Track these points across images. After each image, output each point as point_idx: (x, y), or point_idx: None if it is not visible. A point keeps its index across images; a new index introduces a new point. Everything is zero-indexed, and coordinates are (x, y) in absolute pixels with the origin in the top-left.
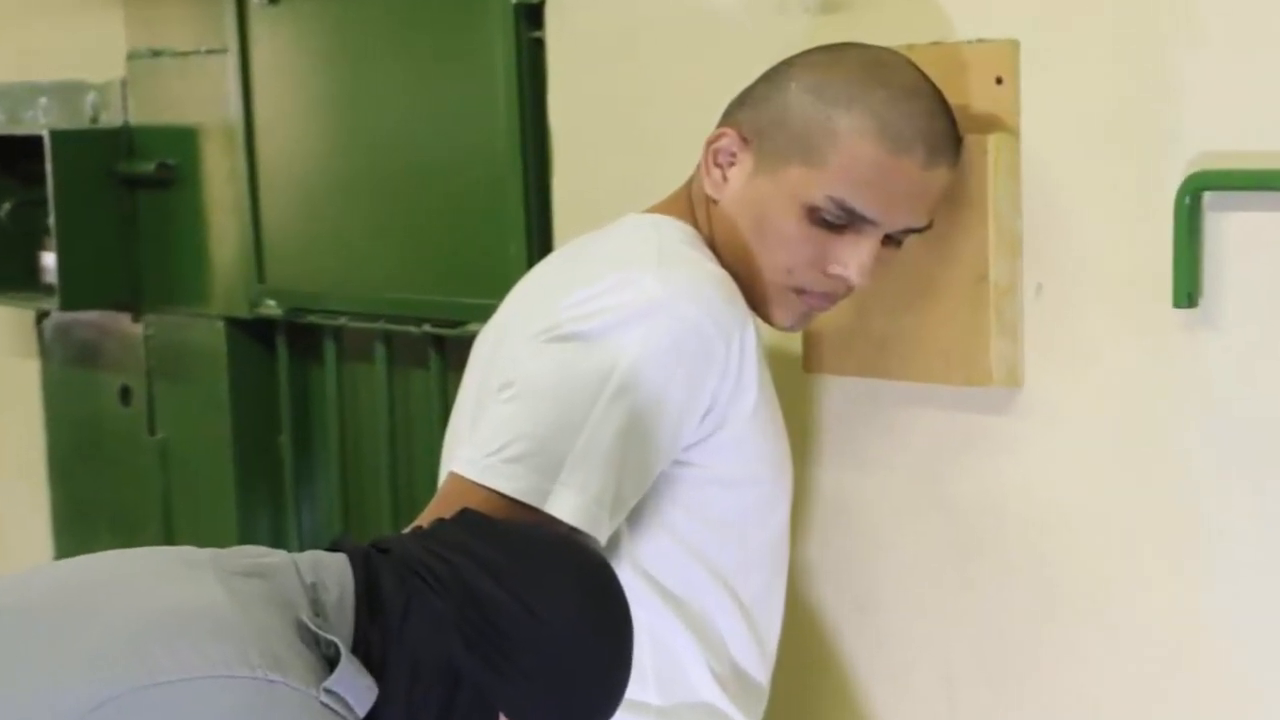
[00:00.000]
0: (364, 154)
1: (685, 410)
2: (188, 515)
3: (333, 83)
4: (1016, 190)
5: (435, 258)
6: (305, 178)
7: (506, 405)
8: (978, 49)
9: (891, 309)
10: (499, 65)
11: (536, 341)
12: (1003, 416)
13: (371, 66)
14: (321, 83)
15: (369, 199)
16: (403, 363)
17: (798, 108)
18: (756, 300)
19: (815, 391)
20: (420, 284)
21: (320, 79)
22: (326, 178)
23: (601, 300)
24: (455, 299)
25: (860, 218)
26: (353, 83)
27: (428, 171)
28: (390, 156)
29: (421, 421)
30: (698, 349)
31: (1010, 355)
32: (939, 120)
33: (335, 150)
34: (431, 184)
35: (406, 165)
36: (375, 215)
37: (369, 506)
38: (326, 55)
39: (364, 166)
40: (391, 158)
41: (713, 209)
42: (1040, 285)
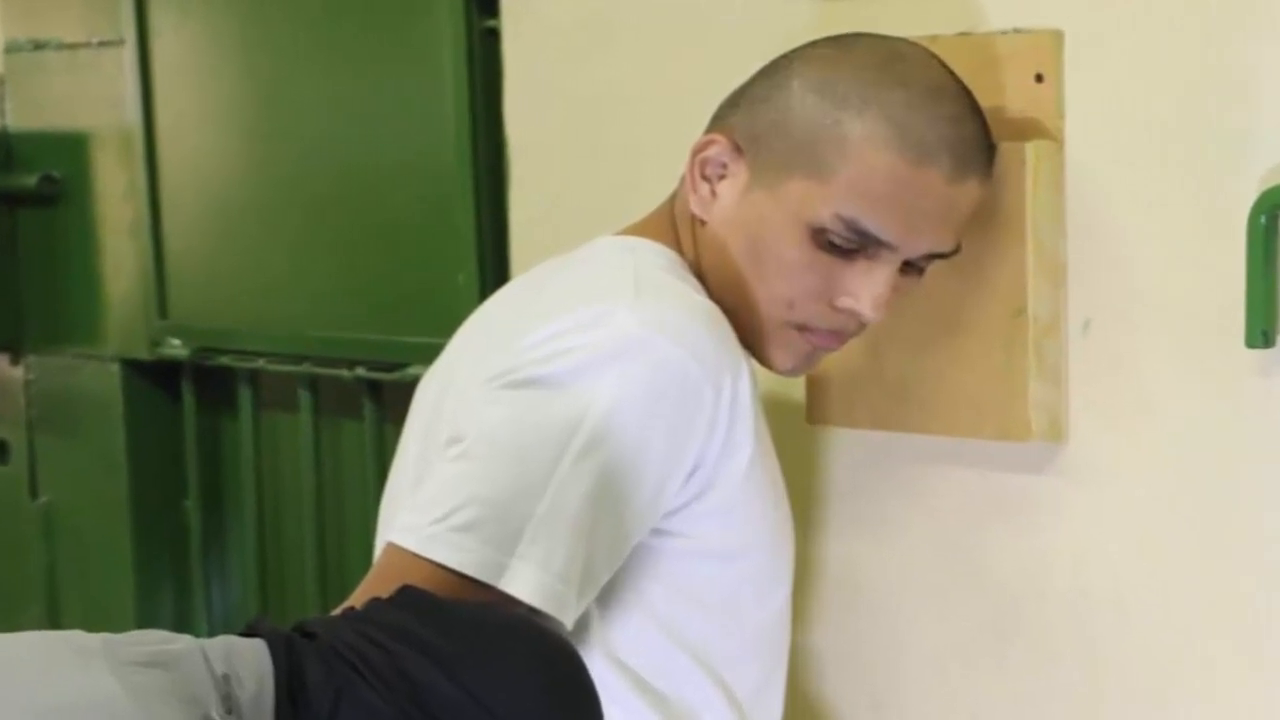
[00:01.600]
0: (287, 166)
1: (667, 469)
2: (76, 593)
3: (250, 81)
4: (1060, 207)
5: (370, 288)
6: (217, 193)
7: (455, 463)
8: (1014, 41)
9: (911, 349)
10: (445, 61)
11: (490, 388)
12: (1044, 476)
13: (296, 62)
14: (236, 81)
15: (293, 219)
16: (331, 413)
17: (800, 110)
18: (752, 339)
19: (821, 447)
20: (353, 319)
21: (235, 76)
22: (242, 193)
23: (568, 339)
24: (394, 337)
25: (874, 241)
26: (274, 81)
27: (362, 186)
28: (318, 169)
29: (354, 482)
30: (682, 397)
31: (1052, 404)
32: (967, 125)
33: (253, 161)
34: (366, 201)
35: (337, 179)
36: (300, 238)
37: (291, 583)
38: (242, 48)
39: (287, 181)
40: (319, 170)
41: (700, 230)
42: (1088, 321)
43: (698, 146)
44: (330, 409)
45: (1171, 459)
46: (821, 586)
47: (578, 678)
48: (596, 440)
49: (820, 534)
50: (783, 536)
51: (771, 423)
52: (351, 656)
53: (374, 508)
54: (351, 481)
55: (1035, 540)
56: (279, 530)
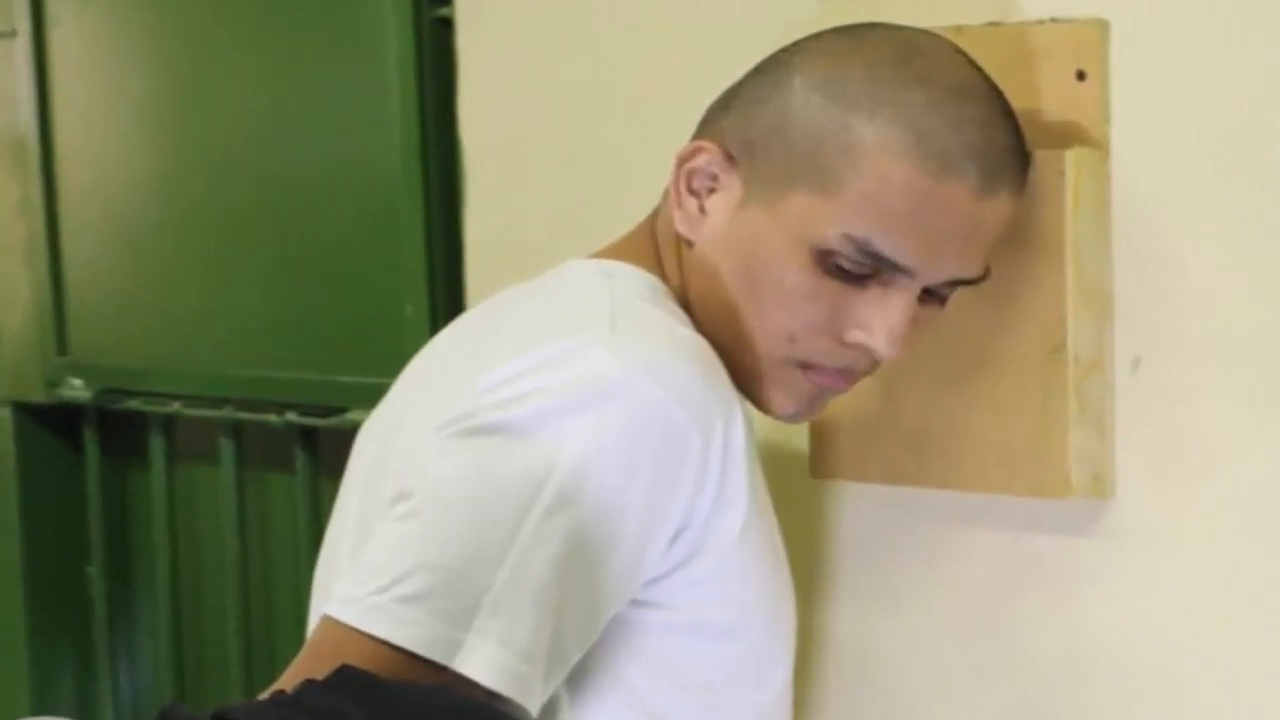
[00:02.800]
0: (207, 178)
1: (648, 531)
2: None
3: (163, 78)
4: (1105, 226)
5: (304, 320)
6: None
7: (401, 524)
8: (1052, 32)
9: (932, 391)
10: (390, 54)
11: (443, 436)
12: (1086, 539)
13: (217, 57)
14: (147, 78)
15: (213, 239)
16: (258, 464)
17: (803, 113)
18: (747, 378)
19: (827, 505)
20: (283, 356)
21: (145, 73)
22: (155, 209)
23: (533, 379)
24: (331, 377)
25: (889, 265)
26: (191, 79)
27: (294, 201)
28: (243, 181)
29: (284, 545)
30: (665, 446)
31: (1096, 455)
32: (997, 130)
33: (167, 172)
34: (299, 218)
35: (265, 192)
36: (222, 261)
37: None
38: (154, 41)
39: (207, 195)
40: (244, 183)
41: (686, 253)
42: (1138, 358)
43: (684, 155)
44: (256, 460)
45: (1235, 519)
46: (827, 666)
47: None
48: (566, 497)
49: (826, 605)
50: (782, 608)
51: (770, 476)
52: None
53: (307, 574)
54: (281, 544)
55: (1076, 613)
56: (197, 600)
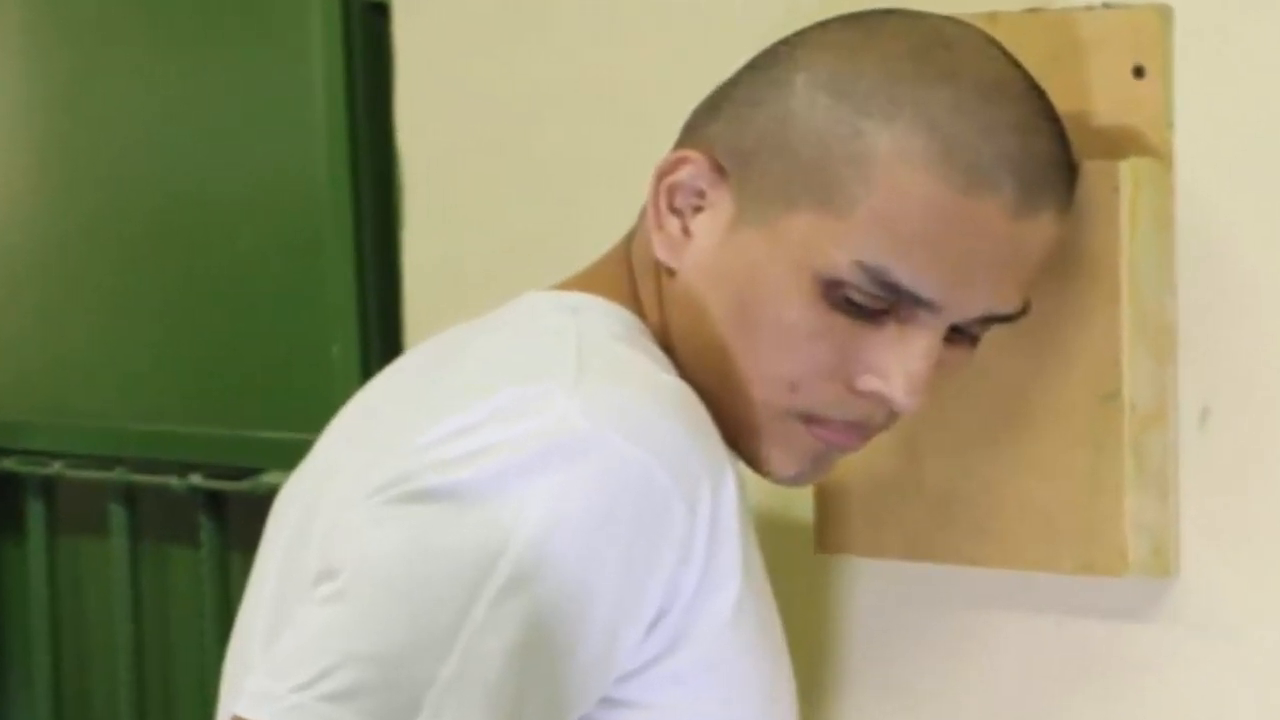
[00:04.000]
0: (96, 194)
1: (621, 616)
2: None
3: (41, 80)
4: (1167, 251)
5: (211, 366)
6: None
7: (327, 607)
8: (1104, 20)
9: (961, 449)
10: (315, 47)
11: (377, 502)
12: (1145, 626)
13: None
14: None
15: (103, 270)
16: (156, 535)
17: (807, 117)
18: (740, 433)
19: (836, 584)
20: (185, 409)
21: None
22: (33, 235)
23: (485, 434)
24: (242, 433)
25: (910, 298)
26: (77, 77)
27: (199, 223)
28: (138, 200)
29: (186, 630)
30: (642, 515)
31: (1157, 525)
32: (1040, 137)
33: (49, 187)
34: (205, 243)
35: (164, 214)
36: (113, 297)
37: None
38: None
39: (94, 217)
40: (139, 202)
41: (667, 283)
42: (1207, 409)
43: (664, 168)
44: (154, 530)
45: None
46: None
47: None
48: (524, 575)
49: (834, 704)
50: (781, 707)
51: (768, 550)
52: None
53: (214, 665)
54: (183, 629)
55: (1133, 714)
56: (84, 693)
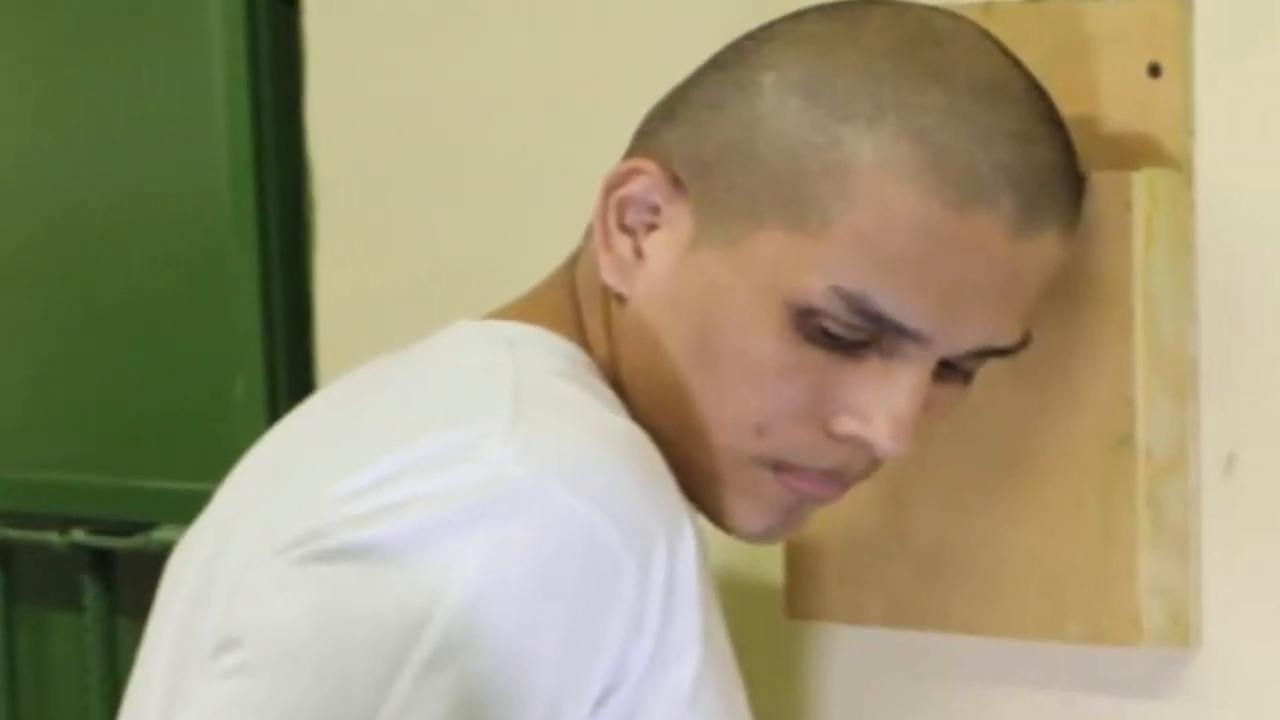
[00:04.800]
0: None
1: (564, 692)
2: None
3: None
4: (1188, 274)
5: (97, 406)
6: None
7: (229, 682)
8: (1116, 12)
9: (953, 501)
10: (216, 44)
11: (286, 562)
12: (1163, 702)
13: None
14: None
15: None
16: (33, 597)
17: (777, 123)
18: (700, 483)
19: (810, 654)
20: (67, 455)
21: None
22: None
23: (408, 485)
24: (132, 482)
25: (894, 328)
26: None
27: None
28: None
29: (67, 704)
30: (588, 576)
31: (1176, 587)
32: (1042, 145)
33: None
34: (91, 267)
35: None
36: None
37: None
38: None
39: None
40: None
41: (617, 311)
42: (1233, 456)
43: (614, 180)
44: (31, 591)
45: None
46: None
47: None
48: (452, 646)
49: None
50: None
51: (733, 616)
52: None
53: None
54: (65, 703)
55: None
56: None
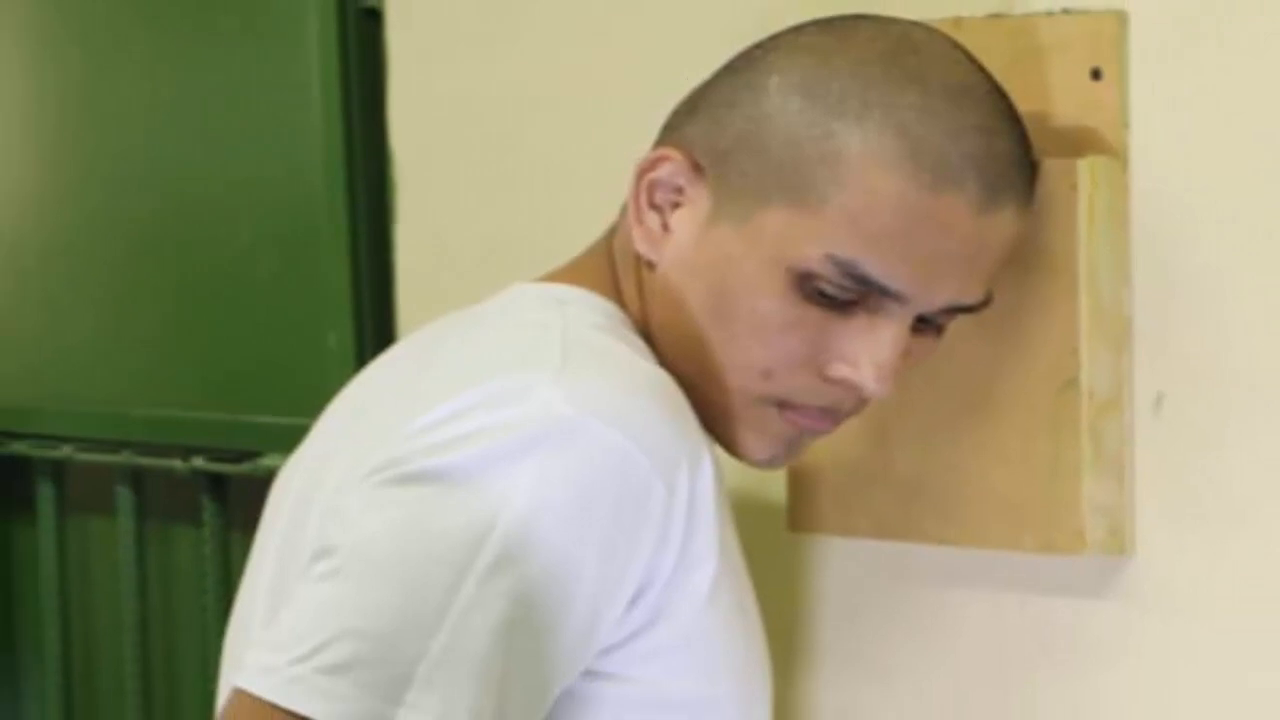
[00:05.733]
0: (100, 192)
1: (603, 594)
2: None
3: (52, 78)
4: (1123, 245)
5: (212, 354)
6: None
7: (324, 584)
8: (1063, 25)
9: (927, 434)
10: (311, 50)
11: (371, 484)
12: (1103, 602)
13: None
14: (34, 77)
15: (110, 262)
16: (160, 515)
17: (781, 118)
18: (717, 419)
19: (808, 563)
20: (188, 394)
21: (31, 72)
22: (41, 229)
23: (473, 420)
24: (242, 418)
25: (878, 289)
26: (83, 78)
27: (201, 217)
28: (142, 194)
29: (190, 606)
30: (623, 497)
31: (1113, 506)
32: (1001, 137)
33: (54, 186)
34: (207, 237)
35: (168, 208)
36: (119, 288)
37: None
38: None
39: (100, 212)
40: (144, 196)
41: (647, 276)
42: (1160, 396)
43: (644, 165)
44: (159, 510)
45: (1269, 577)
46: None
47: None
48: (510, 555)
49: (807, 677)
50: (757, 680)
51: (743, 530)
52: None
53: (216, 640)
54: (186, 606)
55: (1092, 686)
56: (92, 668)
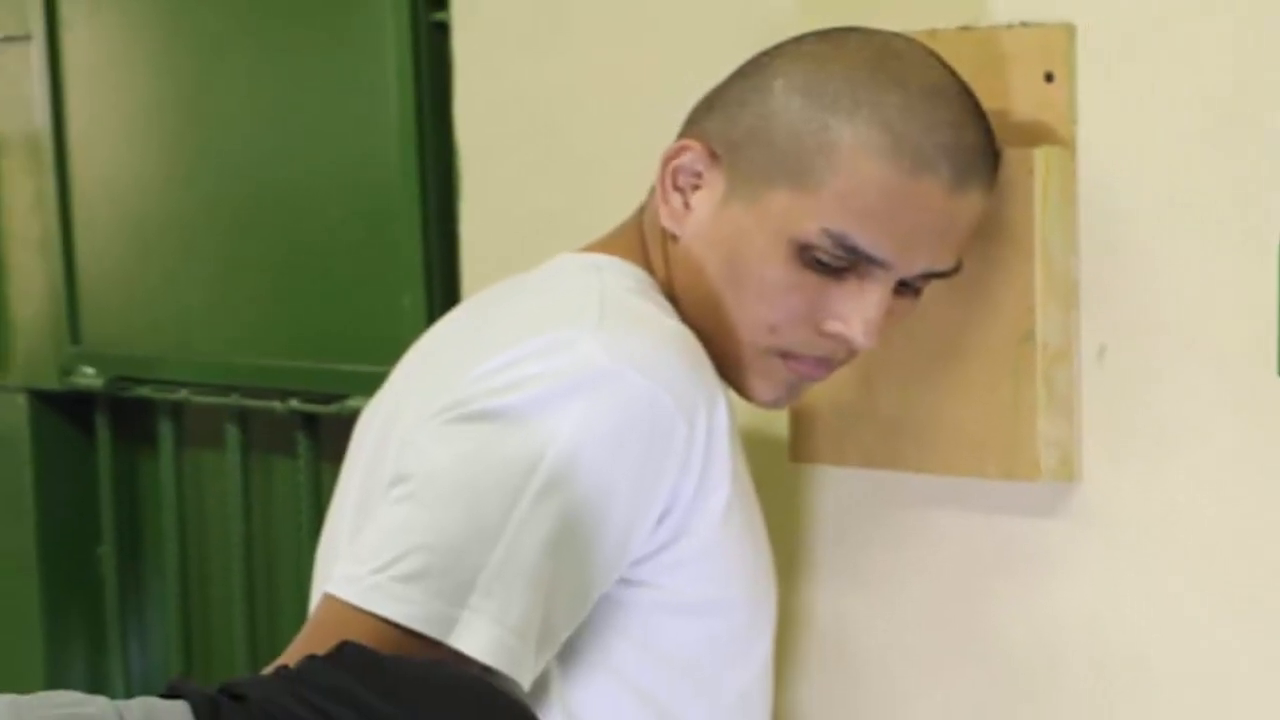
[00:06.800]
0: (212, 174)
1: (635, 512)
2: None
3: (170, 81)
4: (1072, 221)
5: (306, 312)
6: (134, 205)
7: (399, 506)
8: (1021, 36)
9: (906, 379)
10: (389, 56)
11: (439, 422)
12: (1053, 521)
13: (221, 60)
14: (155, 80)
15: (219, 234)
16: (263, 449)
17: (784, 114)
18: (730, 367)
19: (806, 488)
20: (286, 346)
21: (153, 75)
22: (163, 205)
23: (525, 368)
24: (332, 365)
25: (866, 258)
26: (197, 81)
27: (296, 198)
28: (246, 178)
29: (287, 526)
30: (651, 432)
31: (1064, 440)
32: (969, 130)
33: (174, 169)
34: (301, 214)
35: (267, 189)
36: (227, 255)
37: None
38: (162, 43)
39: (212, 191)
40: (248, 179)
41: (672, 247)
42: (1103, 347)
43: (669, 153)
44: (261, 445)
45: (1195, 500)
46: (807, 643)
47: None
48: (557, 480)
49: (806, 584)
50: (764, 587)
51: (752, 460)
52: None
53: (309, 555)
54: (284, 526)
55: (1046, 593)
56: (205, 579)
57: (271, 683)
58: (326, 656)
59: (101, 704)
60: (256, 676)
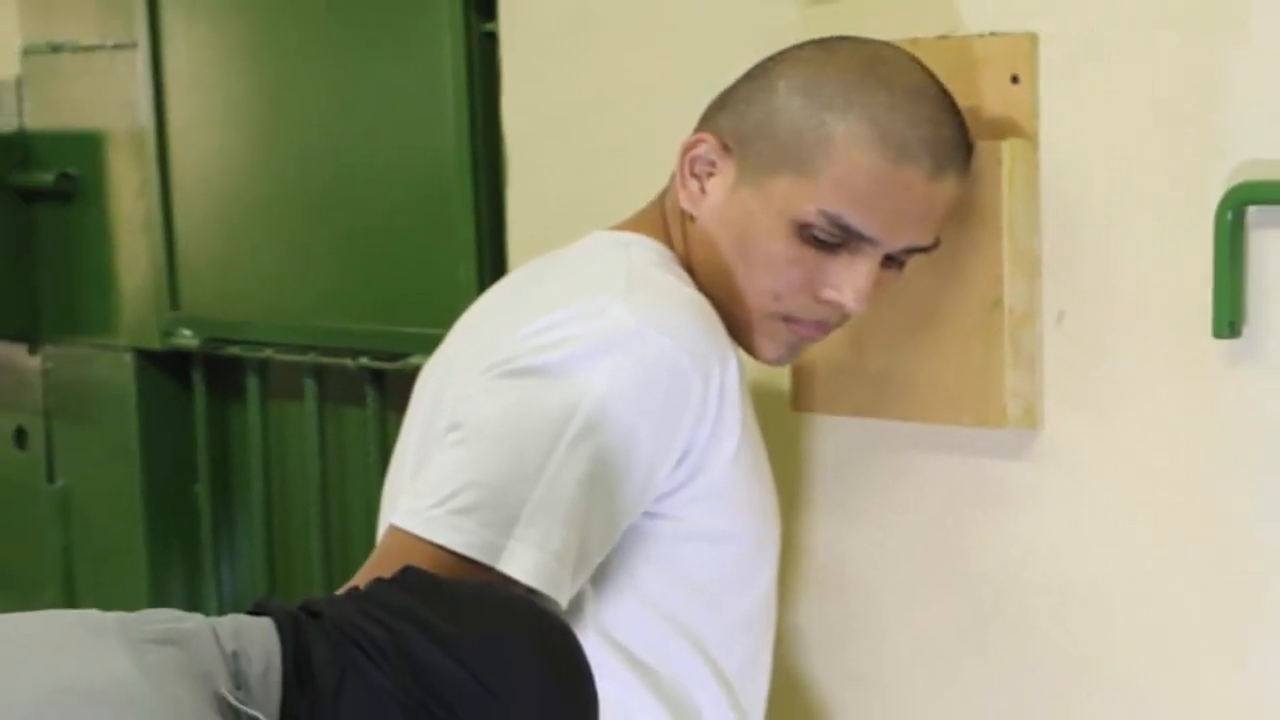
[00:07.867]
0: (293, 163)
1: (657, 454)
2: (91, 574)
3: (257, 82)
4: (1034, 204)
5: (373, 281)
6: (225, 190)
7: (454, 449)
8: (990, 44)
9: (892, 340)
10: (446, 62)
11: (488, 377)
12: (1019, 462)
13: (301, 64)
14: (244, 82)
15: (298, 215)
16: (336, 400)
17: (786, 111)
18: (739, 329)
19: (805, 434)
20: (356, 311)
21: (243, 78)
22: (250, 190)
23: (563, 330)
24: (396, 328)
25: (857, 235)
26: (279, 83)
27: (365, 183)
28: (322, 166)
29: (357, 467)
30: (672, 386)
31: (1027, 393)
32: (946, 125)
33: (260, 159)
34: (369, 198)
35: (340, 176)
36: (305, 233)
37: (298, 564)
38: (250, 50)
39: (292, 178)
40: (323, 168)
41: (689, 226)
42: (1062, 312)
43: (687, 145)
44: (335, 397)
45: (1142, 445)
46: (806, 568)
47: (573, 655)
48: (590, 427)
49: (805, 518)
50: (768, 520)
51: (758, 410)
52: (356, 635)
53: (377, 492)
54: (355, 467)
55: (1013, 525)
56: (286, 514)
57: (344, 602)
58: (392, 579)
59: (198, 620)
60: (331, 596)
